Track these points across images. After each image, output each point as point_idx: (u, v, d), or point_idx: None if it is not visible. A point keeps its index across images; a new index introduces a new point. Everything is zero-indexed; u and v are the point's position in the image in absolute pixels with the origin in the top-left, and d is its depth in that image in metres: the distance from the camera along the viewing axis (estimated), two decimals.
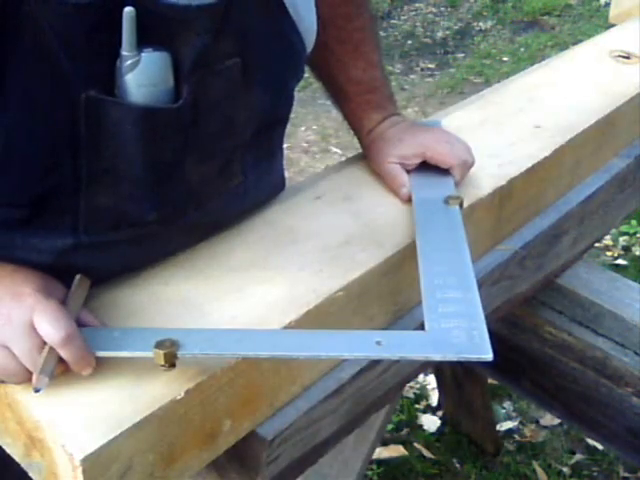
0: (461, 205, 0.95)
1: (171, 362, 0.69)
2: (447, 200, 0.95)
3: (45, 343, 0.67)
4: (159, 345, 0.69)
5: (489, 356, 0.71)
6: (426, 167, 1.02)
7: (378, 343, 0.71)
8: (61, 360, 0.68)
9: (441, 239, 0.89)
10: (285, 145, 1.08)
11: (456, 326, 0.74)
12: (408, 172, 1.02)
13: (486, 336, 0.73)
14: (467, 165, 1.02)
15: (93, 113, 0.70)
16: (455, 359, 0.71)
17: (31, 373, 0.68)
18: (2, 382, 0.70)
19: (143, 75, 0.70)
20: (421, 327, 0.76)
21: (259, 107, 0.85)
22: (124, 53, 0.69)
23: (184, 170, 0.79)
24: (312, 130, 3.98)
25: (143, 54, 0.69)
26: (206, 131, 0.79)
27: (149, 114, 0.72)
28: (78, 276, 0.76)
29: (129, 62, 0.69)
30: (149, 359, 0.69)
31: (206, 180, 0.83)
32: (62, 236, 0.77)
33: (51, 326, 0.67)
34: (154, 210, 0.79)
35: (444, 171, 1.01)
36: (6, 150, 0.69)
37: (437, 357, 0.71)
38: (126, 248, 0.82)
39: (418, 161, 1.02)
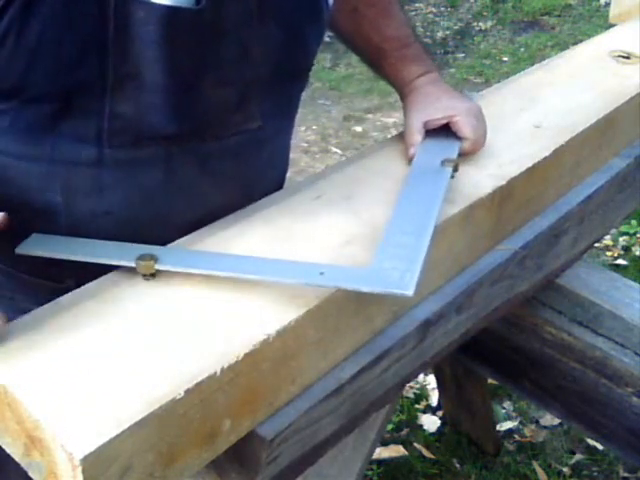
0: (456, 168, 0.99)
1: (151, 272, 0.78)
2: (443, 162, 1.00)
3: None
4: (141, 258, 0.79)
5: (409, 292, 0.76)
6: (445, 130, 1.06)
7: (321, 274, 0.78)
8: None
9: (419, 195, 0.94)
10: None
11: (394, 267, 0.80)
12: (428, 131, 1.06)
13: (416, 277, 0.78)
14: (479, 143, 1.07)
15: (121, 12, 0.77)
16: (382, 292, 0.77)
17: None
18: None
19: None
20: (421, 326, 0.76)
21: (273, 44, 0.90)
22: None
23: (203, 86, 0.85)
24: (312, 130, 3.99)
25: None
26: (223, 53, 0.85)
27: (172, 13, 0.78)
28: None
29: None
30: (132, 271, 0.78)
31: (224, 107, 0.89)
32: (87, 146, 0.83)
33: None
34: (174, 122, 0.84)
35: (457, 138, 1.06)
36: (41, 37, 0.75)
37: (366, 289, 0.78)
38: (146, 174, 0.87)
39: (444, 122, 1.07)
